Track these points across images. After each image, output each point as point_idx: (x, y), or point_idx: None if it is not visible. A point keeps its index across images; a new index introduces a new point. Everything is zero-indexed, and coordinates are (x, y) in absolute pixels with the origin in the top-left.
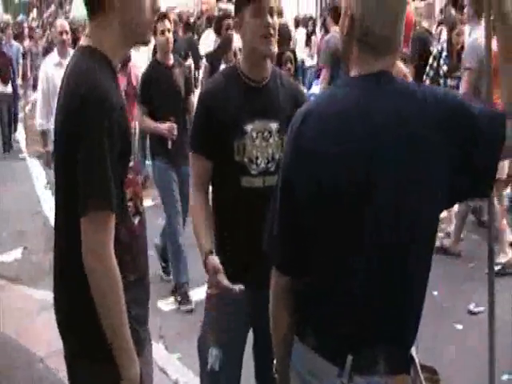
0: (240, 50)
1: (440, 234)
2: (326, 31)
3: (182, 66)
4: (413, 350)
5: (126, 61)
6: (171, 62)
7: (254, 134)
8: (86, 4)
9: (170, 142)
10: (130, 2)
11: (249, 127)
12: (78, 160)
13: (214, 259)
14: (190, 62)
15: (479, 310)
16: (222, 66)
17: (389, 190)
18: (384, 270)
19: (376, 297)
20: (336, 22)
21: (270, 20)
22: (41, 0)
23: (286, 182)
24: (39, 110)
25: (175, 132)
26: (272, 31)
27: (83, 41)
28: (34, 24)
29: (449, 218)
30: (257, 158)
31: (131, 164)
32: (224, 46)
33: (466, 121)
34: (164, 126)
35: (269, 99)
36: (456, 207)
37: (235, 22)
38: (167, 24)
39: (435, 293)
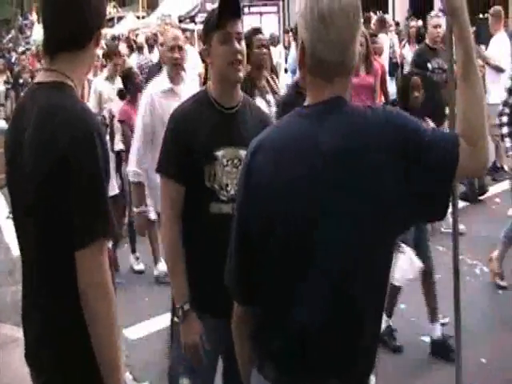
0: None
1: None
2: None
3: None
4: (372, 380)
5: (137, 91)
6: None
7: (225, 161)
8: (67, 38)
9: None
10: (99, 42)
11: (219, 153)
12: (76, 191)
13: (197, 321)
14: None
15: (445, 322)
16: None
17: (339, 219)
18: (334, 301)
19: (326, 329)
20: None
21: (237, 46)
22: (0, 26)
23: (239, 215)
24: (136, 154)
25: None
26: (240, 57)
27: (45, 76)
28: None
29: None
30: (227, 184)
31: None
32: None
33: (418, 145)
34: None
35: (240, 126)
36: None
37: (204, 49)
38: None
39: (402, 306)
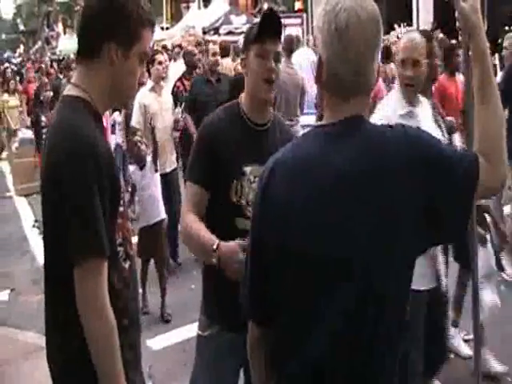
0: None
1: None
2: None
3: None
4: None
5: None
6: None
7: (252, 178)
8: (79, 50)
9: None
10: (127, 65)
11: (248, 169)
12: (67, 210)
13: (228, 245)
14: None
15: (470, 338)
16: None
17: (356, 240)
18: (350, 333)
19: (343, 360)
20: None
21: (273, 65)
22: (27, 36)
23: (254, 235)
24: None
25: None
26: (274, 77)
27: (69, 90)
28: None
29: None
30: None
31: (121, 209)
32: None
33: (439, 164)
34: None
35: (269, 145)
36: None
37: (242, 58)
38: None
39: None
